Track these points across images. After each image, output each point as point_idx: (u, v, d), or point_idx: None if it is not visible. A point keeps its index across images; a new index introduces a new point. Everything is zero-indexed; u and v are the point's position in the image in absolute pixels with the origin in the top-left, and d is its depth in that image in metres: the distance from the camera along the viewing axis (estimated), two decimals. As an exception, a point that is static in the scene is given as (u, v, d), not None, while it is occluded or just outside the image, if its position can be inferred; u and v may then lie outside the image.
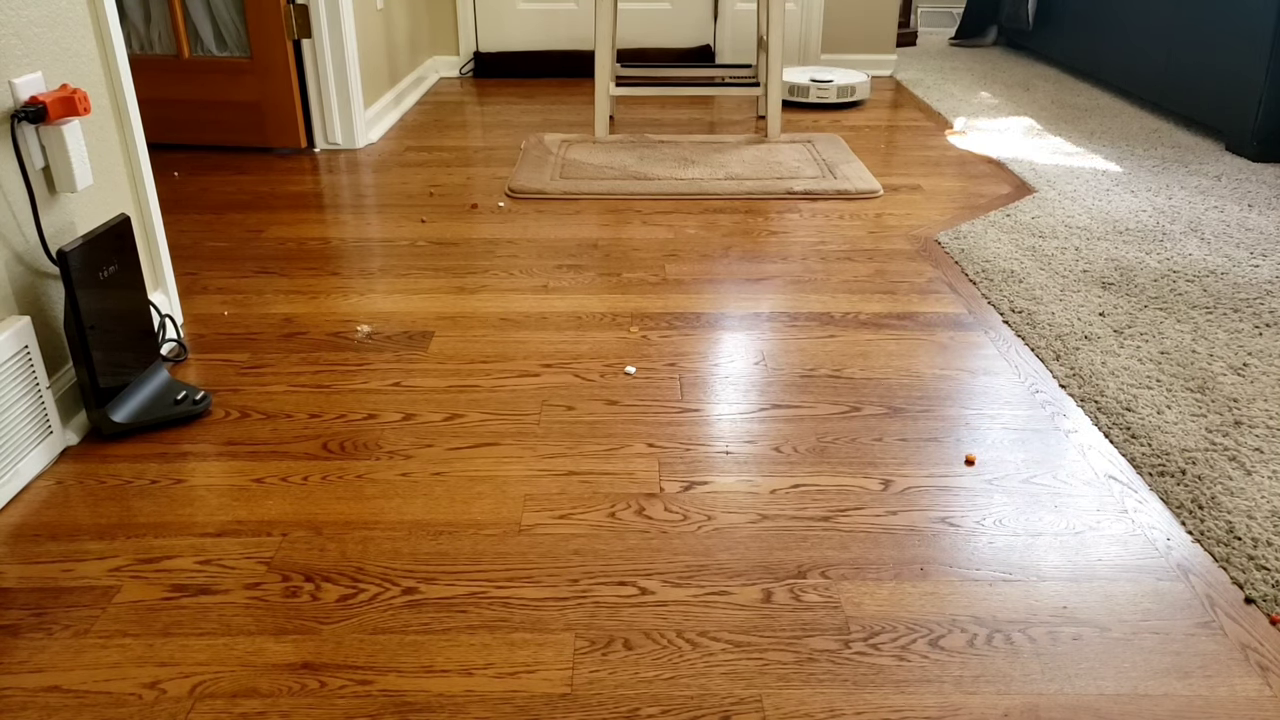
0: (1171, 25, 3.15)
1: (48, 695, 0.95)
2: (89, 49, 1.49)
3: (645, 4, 3.90)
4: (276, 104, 2.82)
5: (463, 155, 2.86)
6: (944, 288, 1.92)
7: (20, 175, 1.31)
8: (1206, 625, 1.04)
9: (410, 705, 0.94)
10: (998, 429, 1.42)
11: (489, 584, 1.11)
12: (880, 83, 3.89)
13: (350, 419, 1.45)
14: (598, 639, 1.02)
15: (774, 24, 2.79)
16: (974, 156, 2.86)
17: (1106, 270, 1.98)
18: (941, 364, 1.61)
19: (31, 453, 1.30)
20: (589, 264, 2.04)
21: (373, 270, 2.01)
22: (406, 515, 1.23)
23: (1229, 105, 2.85)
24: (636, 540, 1.18)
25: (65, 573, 1.12)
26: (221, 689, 0.96)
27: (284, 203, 2.43)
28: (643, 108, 3.48)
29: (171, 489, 1.28)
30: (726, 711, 0.93)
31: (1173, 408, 1.47)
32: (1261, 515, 1.21)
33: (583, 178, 2.58)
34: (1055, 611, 1.06)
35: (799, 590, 1.10)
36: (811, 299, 1.87)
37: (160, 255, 1.72)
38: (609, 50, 2.88)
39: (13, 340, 1.25)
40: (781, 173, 2.62)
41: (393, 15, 3.35)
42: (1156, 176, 2.62)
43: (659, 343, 1.69)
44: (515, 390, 1.53)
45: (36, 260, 1.35)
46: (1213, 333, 1.71)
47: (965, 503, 1.25)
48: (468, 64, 3.97)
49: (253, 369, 1.60)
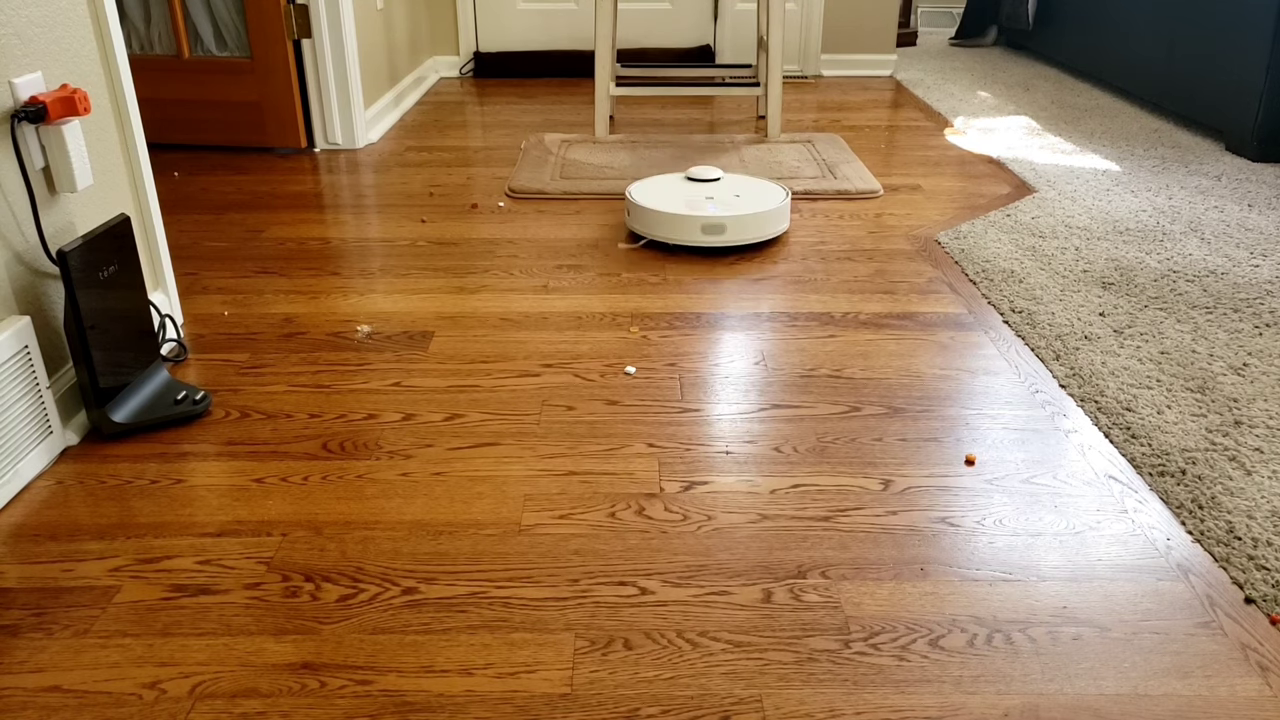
0: (1171, 25, 3.15)
1: (48, 695, 0.95)
2: (89, 49, 1.49)
3: (645, 4, 3.90)
4: (276, 104, 2.82)
5: (463, 155, 2.86)
6: (944, 288, 1.92)
7: (20, 175, 1.31)
8: (1206, 625, 1.05)
9: (410, 705, 0.94)
10: (998, 429, 1.42)
11: (489, 584, 1.11)
12: (880, 82, 3.89)
13: (350, 419, 1.45)
14: (598, 639, 1.02)
15: (774, 24, 2.79)
16: (974, 156, 2.86)
17: (1106, 270, 1.98)
18: (941, 364, 1.61)
19: (31, 453, 1.30)
20: (589, 264, 2.04)
21: (373, 270, 2.01)
22: (406, 515, 1.23)
23: (1229, 105, 2.85)
24: (636, 540, 1.18)
25: (65, 573, 1.12)
26: (221, 689, 0.96)
27: (284, 203, 2.43)
28: (643, 108, 3.48)
29: (171, 489, 1.28)
30: (726, 711, 0.93)
31: (1173, 408, 1.47)
32: (1261, 515, 1.21)
33: (583, 178, 2.58)
34: (1055, 611, 1.06)
35: (799, 590, 1.10)
36: (811, 299, 1.87)
37: (160, 255, 1.72)
38: (609, 50, 2.88)
39: (13, 340, 1.25)
40: (781, 173, 2.62)
41: (393, 15, 3.35)
42: (1156, 176, 2.62)
43: (659, 343, 1.69)
44: (515, 390, 1.53)
45: (36, 260, 1.35)
46: (1213, 333, 1.71)
47: (965, 503, 1.25)
48: (468, 64, 3.97)
49: (253, 369, 1.60)
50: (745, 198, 2.16)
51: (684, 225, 2.06)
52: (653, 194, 2.18)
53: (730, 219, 2.05)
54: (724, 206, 2.09)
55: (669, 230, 2.08)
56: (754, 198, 2.16)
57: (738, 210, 2.07)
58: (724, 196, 2.16)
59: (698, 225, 2.04)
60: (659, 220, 2.08)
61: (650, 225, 2.10)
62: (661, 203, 2.11)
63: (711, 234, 2.04)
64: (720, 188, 2.22)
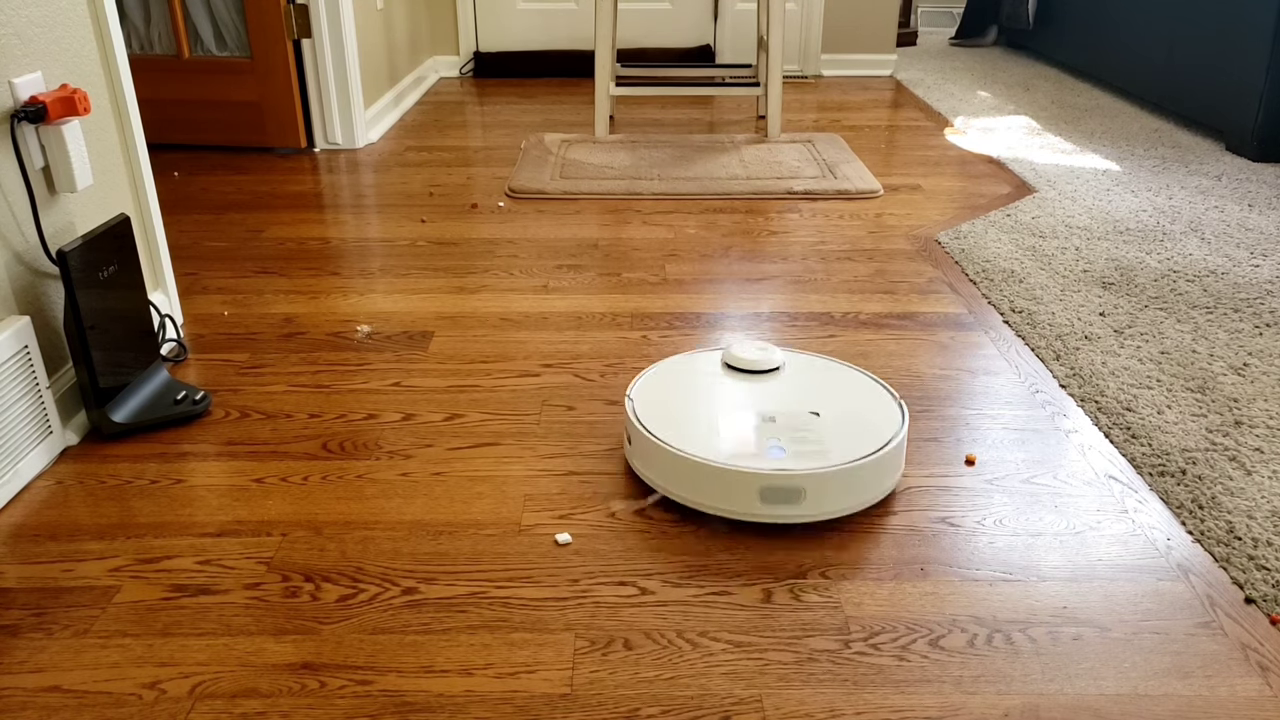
0: (1171, 25, 3.15)
1: (48, 695, 0.95)
2: (89, 49, 1.49)
3: (645, 4, 3.90)
4: (276, 104, 2.82)
5: (463, 155, 2.86)
6: (944, 288, 1.92)
7: (20, 175, 1.31)
8: (1207, 625, 1.04)
9: (410, 705, 0.94)
10: (998, 429, 1.42)
11: (489, 584, 1.11)
12: (880, 82, 3.89)
13: (350, 419, 1.45)
14: (598, 639, 1.02)
15: (774, 24, 2.79)
16: (974, 156, 2.86)
17: (1107, 270, 1.98)
18: (941, 364, 1.61)
19: (31, 453, 1.30)
20: (589, 264, 2.04)
21: (373, 270, 2.01)
22: (406, 515, 1.23)
23: (1229, 105, 2.85)
24: (636, 540, 1.18)
25: (65, 573, 1.12)
26: (221, 689, 0.96)
27: (284, 203, 2.43)
28: (643, 108, 3.48)
29: (171, 489, 1.28)
30: (726, 711, 0.93)
31: (1173, 408, 1.47)
32: (1262, 515, 1.21)
33: (583, 178, 2.58)
34: (1055, 611, 1.06)
35: (799, 590, 1.10)
36: (811, 299, 1.87)
37: (160, 255, 1.72)
38: (609, 50, 2.88)
39: (12, 340, 1.25)
40: (781, 172, 2.62)
41: (393, 15, 3.35)
42: (1157, 176, 2.62)
43: (659, 343, 1.69)
44: (515, 390, 1.53)
45: (36, 260, 1.35)
46: (1213, 333, 1.71)
47: (965, 503, 1.25)
48: (468, 64, 3.97)
49: (253, 369, 1.60)
50: (831, 422, 1.25)
51: (730, 486, 1.17)
52: (671, 412, 1.27)
53: (810, 477, 1.15)
54: (797, 441, 1.21)
55: (702, 492, 1.19)
56: (846, 421, 1.25)
57: (823, 458, 1.18)
58: (791, 415, 1.26)
59: (754, 489, 1.16)
60: (685, 473, 1.20)
61: (668, 475, 1.22)
62: (688, 438, 1.21)
63: (778, 503, 1.16)
64: (782, 391, 1.32)
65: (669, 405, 1.29)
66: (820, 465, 1.16)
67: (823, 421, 1.24)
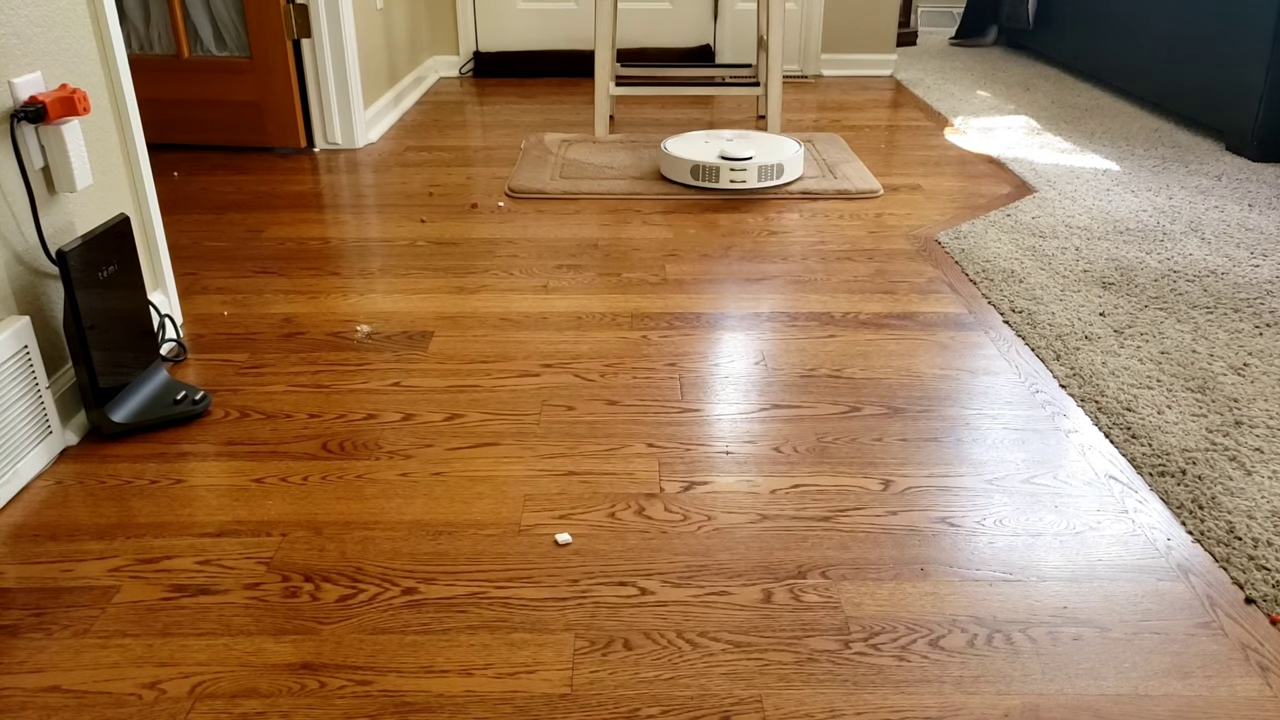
0: (1171, 25, 3.14)
1: (48, 695, 0.95)
2: (89, 49, 1.49)
3: (645, 4, 3.90)
4: (276, 104, 2.82)
5: (462, 155, 2.86)
6: (944, 288, 1.92)
7: (20, 175, 1.31)
8: (1207, 625, 1.04)
9: (410, 705, 0.94)
10: (998, 429, 1.42)
11: (489, 584, 1.11)
12: (880, 82, 3.89)
13: (350, 419, 1.45)
14: (598, 639, 1.02)
15: (774, 24, 2.79)
16: (974, 156, 2.86)
17: (1107, 270, 1.98)
18: (942, 364, 1.61)
19: (31, 453, 1.30)
20: (589, 264, 2.04)
21: (372, 270, 2.01)
22: (406, 515, 1.23)
23: (1229, 105, 2.85)
24: (636, 540, 1.18)
25: (65, 573, 1.12)
26: (221, 689, 0.96)
27: (284, 203, 2.43)
28: (643, 108, 3.48)
29: (171, 489, 1.28)
30: (726, 711, 0.93)
31: (1173, 408, 1.47)
32: (1262, 515, 1.21)
33: (583, 178, 2.58)
34: (1055, 611, 1.06)
35: (799, 590, 1.09)
36: (811, 299, 1.87)
37: (160, 255, 1.71)
38: (609, 50, 2.88)
39: (12, 340, 1.25)
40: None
41: (392, 15, 3.35)
42: (1157, 176, 2.62)
43: (659, 343, 1.69)
44: (515, 390, 1.53)
45: (36, 260, 1.35)
46: (1213, 333, 1.71)
47: (965, 503, 1.25)
48: (468, 64, 3.97)
49: (252, 369, 1.60)
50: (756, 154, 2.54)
51: (675, 167, 2.53)
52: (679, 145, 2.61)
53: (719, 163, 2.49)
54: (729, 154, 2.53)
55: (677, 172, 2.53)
56: (764, 152, 2.52)
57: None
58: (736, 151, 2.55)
59: (687, 169, 2.51)
60: (670, 164, 2.55)
61: (669, 167, 2.57)
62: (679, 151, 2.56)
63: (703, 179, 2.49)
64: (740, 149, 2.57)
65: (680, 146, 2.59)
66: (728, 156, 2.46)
67: (752, 154, 2.51)
